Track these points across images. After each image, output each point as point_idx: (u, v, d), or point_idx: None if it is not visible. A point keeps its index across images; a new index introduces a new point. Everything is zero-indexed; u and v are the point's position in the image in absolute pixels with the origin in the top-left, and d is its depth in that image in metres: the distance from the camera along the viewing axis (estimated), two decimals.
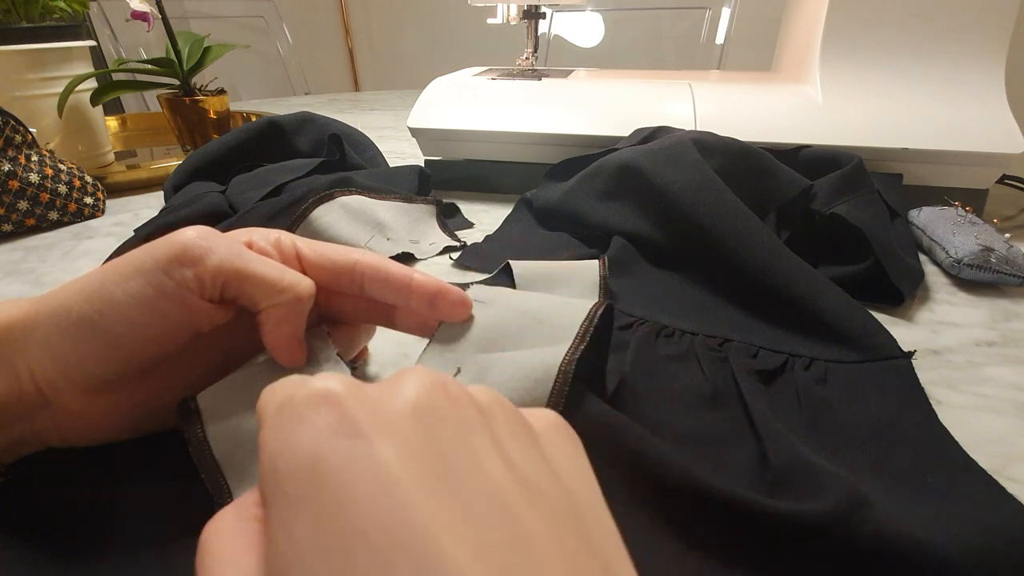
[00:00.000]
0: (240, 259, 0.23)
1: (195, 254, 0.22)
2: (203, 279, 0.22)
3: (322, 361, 0.25)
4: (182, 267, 0.22)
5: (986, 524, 0.21)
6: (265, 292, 0.23)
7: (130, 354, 0.22)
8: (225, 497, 0.22)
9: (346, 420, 0.13)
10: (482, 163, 0.62)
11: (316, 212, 0.44)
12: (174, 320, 0.22)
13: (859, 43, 0.54)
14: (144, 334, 0.22)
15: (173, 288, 0.22)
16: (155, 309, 0.22)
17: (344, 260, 0.26)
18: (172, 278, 0.22)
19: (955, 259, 0.42)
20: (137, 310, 0.22)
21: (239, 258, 0.23)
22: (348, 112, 1.13)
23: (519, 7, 0.68)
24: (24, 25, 0.61)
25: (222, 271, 0.22)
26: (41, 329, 0.21)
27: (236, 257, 0.23)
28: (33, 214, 0.53)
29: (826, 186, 0.46)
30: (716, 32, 1.43)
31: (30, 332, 0.21)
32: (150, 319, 0.22)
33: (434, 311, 0.26)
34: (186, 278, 0.22)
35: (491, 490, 0.13)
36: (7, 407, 0.21)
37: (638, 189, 0.44)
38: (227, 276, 0.23)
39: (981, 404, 0.30)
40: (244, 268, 0.23)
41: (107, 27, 1.40)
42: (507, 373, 0.23)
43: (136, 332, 0.22)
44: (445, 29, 2.12)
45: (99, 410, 0.23)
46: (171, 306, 0.22)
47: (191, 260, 0.22)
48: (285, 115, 0.59)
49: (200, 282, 0.22)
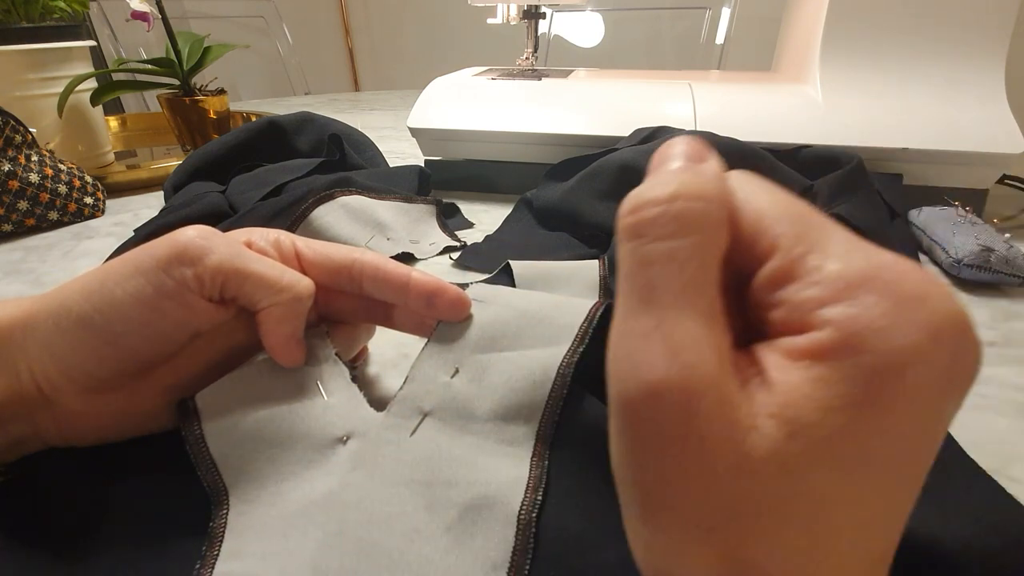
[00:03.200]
0: (240, 258, 0.23)
1: (195, 253, 0.22)
2: (203, 278, 0.22)
3: (321, 360, 0.26)
4: (182, 266, 0.22)
5: (986, 524, 0.21)
6: (264, 292, 0.23)
7: (130, 353, 0.22)
8: (221, 496, 0.22)
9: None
10: (482, 163, 0.62)
11: (316, 212, 0.44)
12: (174, 319, 0.22)
13: (859, 43, 0.54)
14: (144, 333, 0.22)
15: (173, 287, 0.22)
16: (155, 308, 0.22)
17: (343, 259, 0.26)
18: (172, 277, 0.22)
19: (955, 259, 0.42)
20: (137, 309, 0.22)
21: (239, 257, 0.23)
22: (348, 112, 1.13)
23: (519, 7, 0.68)
24: (24, 25, 0.61)
25: (221, 270, 0.22)
26: (41, 329, 0.21)
27: (236, 256, 0.23)
28: (33, 214, 0.53)
29: (826, 186, 0.46)
30: (716, 32, 1.43)
31: (30, 332, 0.22)
32: (150, 318, 0.22)
33: (432, 310, 0.25)
34: (186, 277, 0.22)
35: None
36: (7, 406, 0.21)
37: None
38: (227, 275, 0.23)
39: (981, 404, 0.30)
40: (244, 267, 0.23)
41: (107, 27, 1.40)
42: (505, 374, 0.23)
43: (136, 331, 0.22)
44: (445, 29, 2.12)
45: (99, 410, 0.23)
46: (171, 305, 0.22)
47: (191, 259, 0.22)
48: (285, 115, 0.59)
49: (200, 281, 0.22)
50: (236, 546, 0.21)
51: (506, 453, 0.22)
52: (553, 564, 0.20)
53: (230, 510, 0.22)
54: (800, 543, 0.12)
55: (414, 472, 0.22)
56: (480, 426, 0.23)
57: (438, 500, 0.21)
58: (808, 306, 0.12)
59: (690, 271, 0.13)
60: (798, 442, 0.11)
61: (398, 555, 0.20)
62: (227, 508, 0.22)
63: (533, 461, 0.22)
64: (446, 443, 0.23)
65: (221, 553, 0.21)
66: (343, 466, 0.23)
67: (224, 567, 0.20)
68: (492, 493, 0.21)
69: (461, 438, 0.23)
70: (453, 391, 0.24)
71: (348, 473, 0.22)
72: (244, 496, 0.22)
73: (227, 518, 0.22)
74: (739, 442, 0.12)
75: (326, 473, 0.22)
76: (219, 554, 0.21)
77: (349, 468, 0.22)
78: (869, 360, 0.11)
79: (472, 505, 0.21)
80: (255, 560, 0.20)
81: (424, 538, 0.20)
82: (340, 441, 0.23)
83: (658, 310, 0.13)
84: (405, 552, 0.20)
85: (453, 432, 0.23)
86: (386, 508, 0.21)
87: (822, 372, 0.12)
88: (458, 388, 0.24)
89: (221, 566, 0.20)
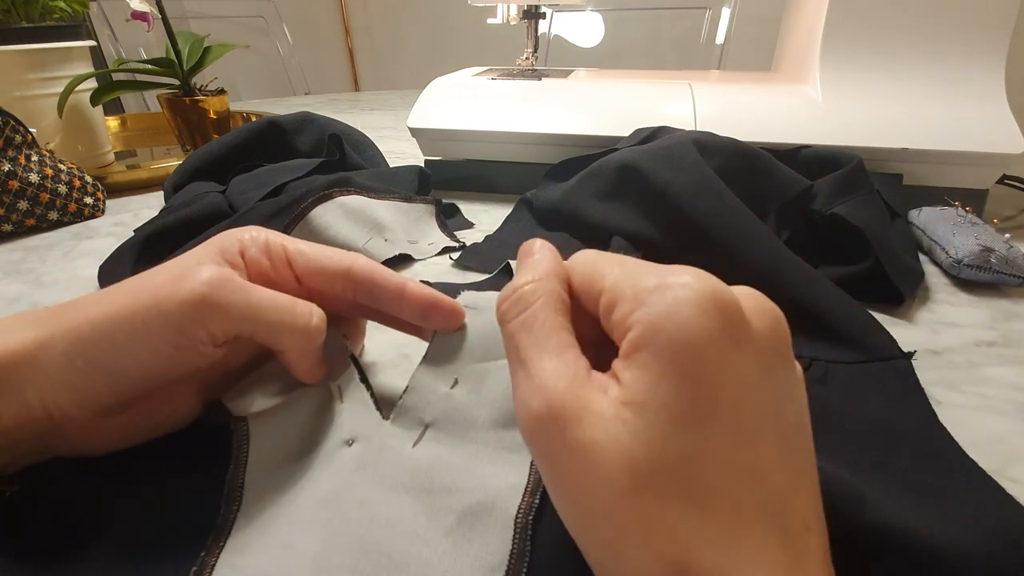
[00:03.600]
0: (252, 310, 0.23)
1: (207, 312, 0.22)
2: (216, 335, 0.22)
3: (339, 367, 0.26)
4: (195, 326, 0.22)
5: (986, 525, 0.21)
6: (279, 339, 0.24)
7: (143, 385, 0.23)
8: (236, 492, 0.22)
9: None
10: (482, 163, 0.62)
11: (314, 212, 0.44)
12: (187, 363, 0.23)
13: (859, 43, 0.54)
14: (158, 373, 0.23)
15: (187, 343, 0.22)
16: (169, 358, 0.22)
17: (336, 268, 0.26)
18: (185, 336, 0.22)
19: (955, 259, 0.42)
20: (151, 359, 0.22)
21: (251, 309, 0.23)
22: (348, 112, 1.13)
23: (519, 7, 0.68)
24: (24, 25, 0.61)
25: (236, 327, 0.23)
26: (53, 364, 0.21)
27: (248, 309, 0.23)
28: (33, 214, 0.53)
29: (826, 186, 0.46)
30: (716, 32, 1.43)
31: (40, 365, 0.21)
32: (164, 367, 0.22)
33: (427, 322, 0.26)
34: (200, 336, 0.22)
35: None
36: (16, 431, 0.21)
37: (638, 189, 0.44)
38: (240, 329, 0.23)
39: (981, 404, 0.30)
40: (256, 319, 0.23)
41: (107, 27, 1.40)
42: (503, 382, 0.24)
43: (151, 375, 0.22)
44: (445, 29, 2.12)
45: (110, 429, 0.23)
46: (185, 356, 0.22)
47: (203, 318, 0.22)
48: (285, 115, 0.59)
49: (213, 337, 0.22)
50: (242, 541, 0.21)
51: (505, 460, 0.22)
52: (550, 567, 0.20)
53: (241, 507, 0.22)
54: (692, 505, 0.15)
55: (415, 479, 0.22)
56: (480, 434, 0.23)
57: (438, 506, 0.21)
58: (624, 317, 0.17)
59: (537, 328, 0.18)
60: (645, 416, 0.15)
61: (397, 556, 0.20)
62: (238, 504, 0.22)
63: (532, 466, 0.22)
64: (446, 452, 0.23)
65: (226, 546, 0.21)
66: (347, 466, 0.23)
67: (229, 559, 0.20)
68: (490, 498, 0.21)
69: (462, 447, 0.23)
70: (453, 402, 0.24)
71: (351, 473, 0.23)
72: (258, 495, 0.22)
73: (236, 514, 0.22)
74: (608, 430, 0.15)
75: (332, 473, 0.23)
76: (224, 546, 0.21)
77: (353, 469, 0.23)
78: (666, 338, 0.15)
79: (470, 510, 0.21)
80: (259, 554, 0.20)
81: (423, 541, 0.20)
82: (346, 443, 0.24)
83: (525, 362, 0.17)
84: (404, 553, 0.20)
85: (454, 442, 0.23)
86: (387, 510, 0.21)
87: (643, 358, 0.16)
88: (458, 399, 0.24)
89: (225, 557, 0.20)
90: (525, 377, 0.17)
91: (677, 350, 0.15)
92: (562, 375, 0.16)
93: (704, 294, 0.16)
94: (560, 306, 0.18)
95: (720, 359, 0.15)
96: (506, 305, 0.19)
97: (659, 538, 0.15)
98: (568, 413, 0.16)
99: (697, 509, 0.15)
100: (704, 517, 0.15)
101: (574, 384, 0.16)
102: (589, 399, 0.16)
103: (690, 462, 0.15)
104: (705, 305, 0.15)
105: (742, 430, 0.15)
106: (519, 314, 0.18)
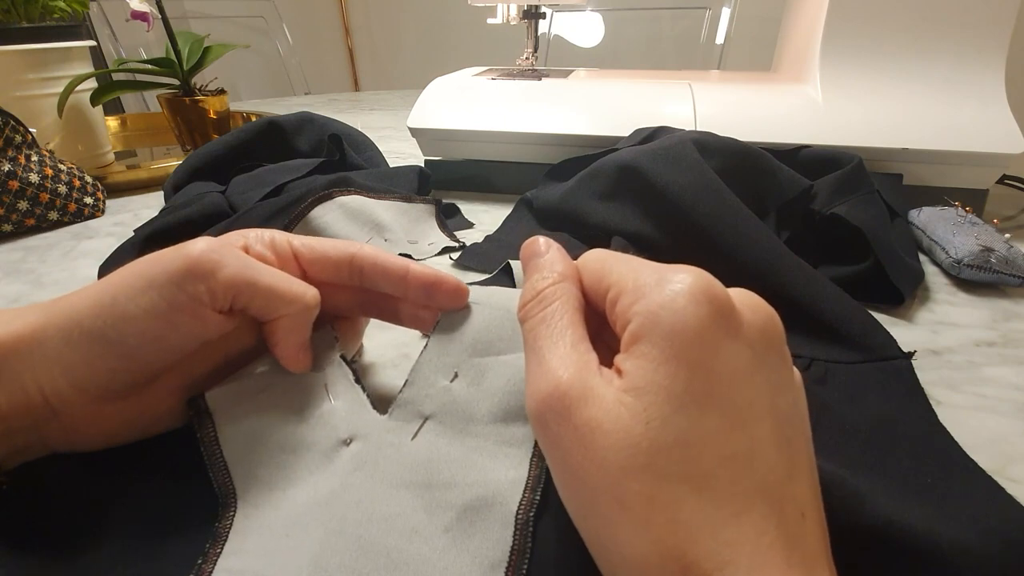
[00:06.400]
0: (250, 271, 0.23)
1: (207, 267, 0.22)
2: (215, 292, 0.22)
3: (328, 364, 0.26)
4: (195, 280, 0.22)
5: (985, 525, 0.21)
6: (274, 304, 0.24)
7: (141, 364, 0.23)
8: (230, 498, 0.22)
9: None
10: (482, 163, 0.62)
11: (314, 212, 0.44)
12: (186, 331, 0.23)
13: (859, 43, 0.54)
14: (157, 345, 0.22)
15: (186, 301, 0.22)
16: (168, 321, 0.22)
17: (341, 254, 0.26)
18: (185, 292, 0.22)
19: (955, 259, 0.42)
20: (150, 323, 0.22)
21: (249, 270, 0.23)
22: (348, 112, 1.13)
23: (519, 7, 0.68)
24: (24, 25, 0.61)
25: (233, 284, 0.23)
26: (50, 343, 0.21)
27: (246, 269, 0.23)
28: (33, 214, 0.53)
29: (826, 186, 0.46)
30: (716, 32, 1.43)
31: (37, 346, 0.21)
32: (163, 331, 0.22)
33: (431, 300, 0.26)
34: (199, 292, 0.22)
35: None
36: (13, 419, 0.21)
37: (638, 189, 0.44)
38: (238, 289, 0.23)
39: (981, 404, 0.30)
40: (254, 281, 0.23)
41: (107, 27, 1.40)
42: (503, 377, 0.24)
43: (149, 344, 0.22)
44: (445, 29, 2.12)
45: (106, 417, 0.23)
46: (184, 318, 0.22)
47: (203, 273, 0.22)
48: (285, 115, 0.59)
49: (212, 295, 0.22)
50: (239, 544, 0.21)
51: (505, 454, 0.22)
52: (551, 564, 0.20)
53: (237, 512, 0.22)
54: (689, 486, 0.15)
55: (414, 475, 0.22)
56: (480, 428, 0.23)
57: (437, 501, 0.21)
58: (626, 310, 0.18)
59: (555, 323, 0.19)
60: (644, 398, 0.16)
61: (396, 554, 0.20)
62: (234, 510, 0.22)
63: (532, 462, 0.22)
64: (445, 446, 0.23)
65: (224, 551, 0.21)
66: (345, 467, 0.23)
67: (226, 563, 0.20)
68: (490, 494, 0.21)
69: (461, 441, 0.23)
70: (453, 395, 0.24)
71: (349, 474, 0.22)
72: (252, 500, 0.22)
73: (233, 519, 0.22)
74: (610, 411, 0.16)
75: (330, 475, 0.23)
76: (222, 551, 0.21)
77: (351, 469, 0.23)
78: (663, 327, 0.17)
79: (470, 506, 0.21)
80: (256, 557, 0.20)
81: (422, 538, 0.20)
82: (343, 443, 0.24)
83: (539, 351, 0.19)
84: (403, 551, 0.20)
85: (453, 435, 0.23)
86: (385, 508, 0.21)
87: (642, 347, 0.17)
88: (457, 392, 0.24)
89: (223, 562, 0.20)
90: (537, 364, 0.18)
91: (673, 337, 0.16)
92: (572, 362, 0.18)
93: (697, 287, 0.17)
94: (577, 305, 0.20)
95: (714, 346, 0.16)
96: (529, 304, 0.20)
97: (658, 518, 0.15)
98: (574, 394, 0.17)
99: (695, 490, 0.15)
100: (702, 498, 0.15)
101: (582, 371, 0.17)
102: (594, 384, 0.17)
103: (687, 444, 0.16)
104: (698, 297, 0.17)
105: (736, 415, 0.16)
106: (540, 311, 0.20)
